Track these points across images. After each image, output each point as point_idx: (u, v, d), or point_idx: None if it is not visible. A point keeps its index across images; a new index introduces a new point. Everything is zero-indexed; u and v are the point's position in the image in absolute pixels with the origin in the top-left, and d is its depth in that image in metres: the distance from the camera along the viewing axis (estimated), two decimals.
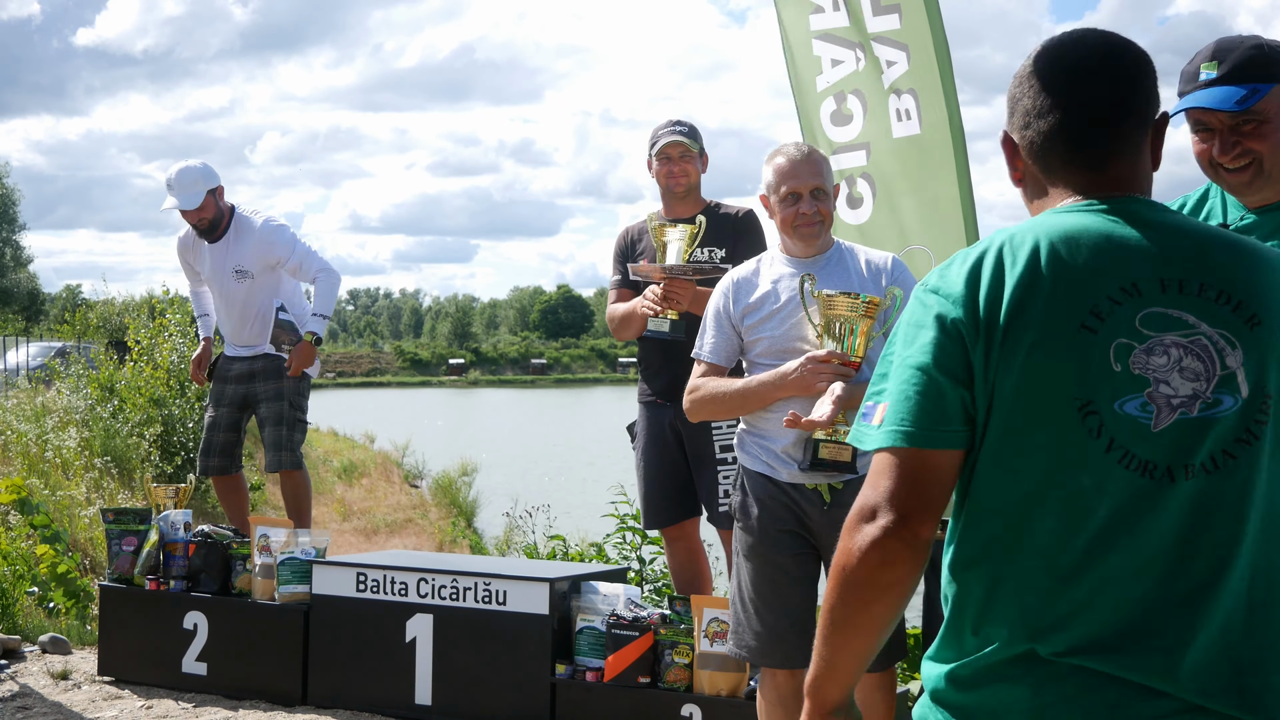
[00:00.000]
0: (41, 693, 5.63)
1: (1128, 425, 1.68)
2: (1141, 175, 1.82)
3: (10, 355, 27.65)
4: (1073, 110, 1.80)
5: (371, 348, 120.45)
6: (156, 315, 13.59)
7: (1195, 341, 1.69)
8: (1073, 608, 1.67)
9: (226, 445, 6.54)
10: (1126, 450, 1.67)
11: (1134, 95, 1.81)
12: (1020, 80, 1.86)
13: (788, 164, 3.83)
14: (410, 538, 14.21)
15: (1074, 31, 1.87)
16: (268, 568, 5.48)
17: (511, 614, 4.90)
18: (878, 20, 5.07)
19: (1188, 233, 1.77)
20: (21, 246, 46.77)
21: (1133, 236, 1.73)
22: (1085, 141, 1.80)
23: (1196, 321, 1.70)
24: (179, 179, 6.36)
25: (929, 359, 1.72)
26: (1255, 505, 1.69)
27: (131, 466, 11.71)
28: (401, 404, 58.50)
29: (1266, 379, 1.70)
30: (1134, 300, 1.70)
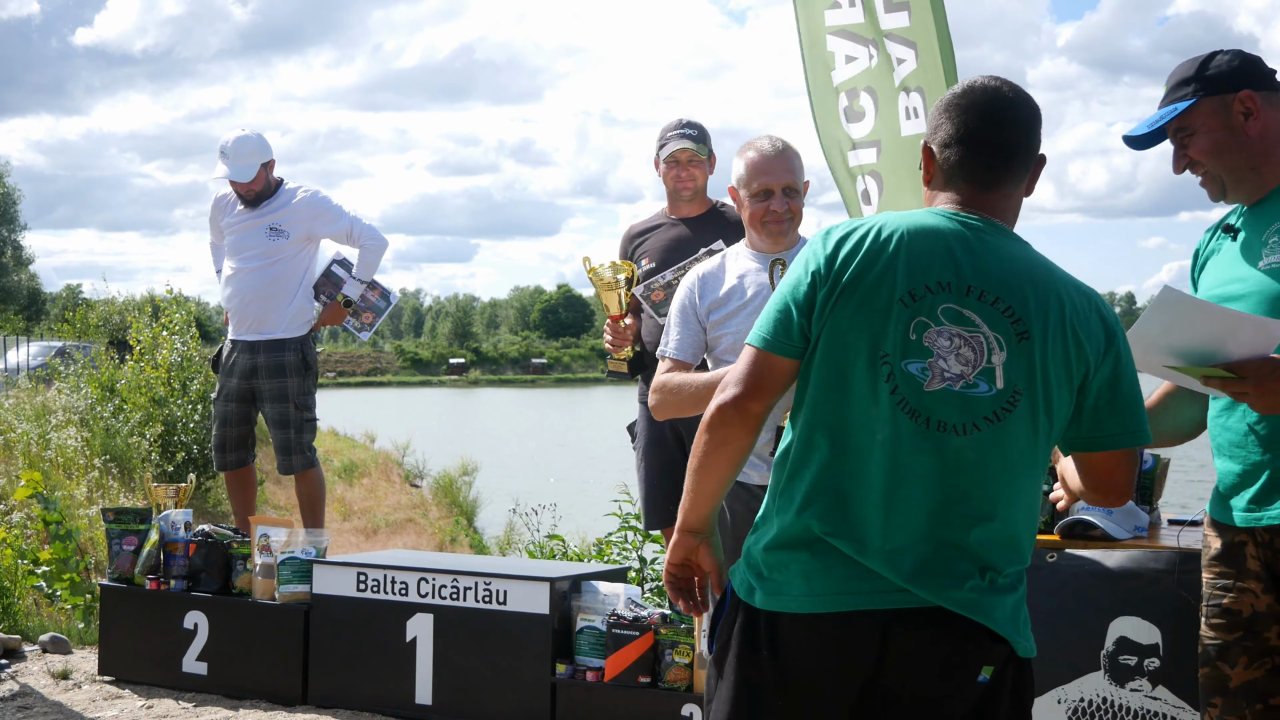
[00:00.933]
0: (42, 692, 5.63)
1: (908, 380, 2.25)
2: (1012, 203, 2.39)
3: (10, 355, 27.65)
4: (977, 144, 2.36)
5: (372, 347, 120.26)
6: (159, 315, 13.58)
7: (974, 337, 2.25)
8: (841, 502, 2.26)
9: (240, 439, 6.51)
10: (904, 398, 2.25)
11: (1024, 141, 2.38)
12: (948, 108, 2.41)
13: (761, 159, 3.77)
14: (410, 537, 14.20)
15: (993, 81, 2.40)
16: (268, 567, 5.48)
17: (512, 614, 4.90)
18: (889, 17, 5.06)
19: (1007, 257, 2.30)
20: (22, 246, 46.79)
21: (966, 248, 2.29)
22: (978, 169, 2.36)
23: (981, 323, 2.25)
24: (235, 149, 6.29)
25: (789, 291, 2.34)
26: (992, 464, 2.26)
27: (132, 466, 11.70)
28: (402, 404, 58.49)
29: (1019, 379, 2.25)
30: (943, 293, 2.25)
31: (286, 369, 6.32)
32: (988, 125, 2.36)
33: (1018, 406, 2.25)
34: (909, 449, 2.24)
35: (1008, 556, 2.29)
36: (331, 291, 6.46)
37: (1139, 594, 3.55)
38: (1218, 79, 2.81)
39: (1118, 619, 3.57)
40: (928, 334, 2.25)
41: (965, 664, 2.26)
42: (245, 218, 6.39)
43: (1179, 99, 2.84)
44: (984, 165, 2.36)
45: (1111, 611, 3.58)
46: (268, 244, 6.31)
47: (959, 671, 2.26)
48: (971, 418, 2.24)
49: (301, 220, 6.34)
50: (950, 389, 2.24)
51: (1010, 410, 2.25)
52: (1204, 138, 2.83)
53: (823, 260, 2.31)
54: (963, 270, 2.26)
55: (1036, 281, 2.29)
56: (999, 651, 2.27)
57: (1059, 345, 2.27)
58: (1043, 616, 3.65)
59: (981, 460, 2.25)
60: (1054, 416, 2.29)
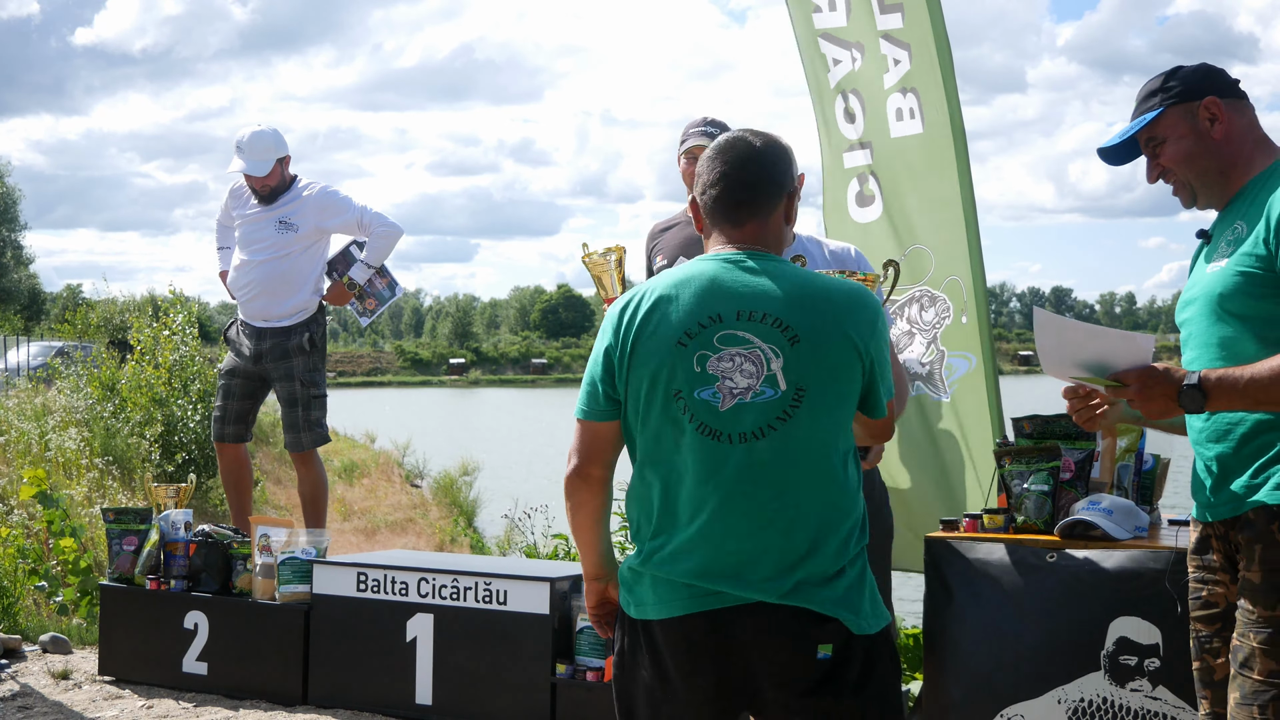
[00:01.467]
0: (42, 692, 5.63)
1: (703, 406, 2.57)
2: (770, 232, 2.72)
3: (11, 355, 27.65)
4: (726, 189, 2.71)
5: (372, 347, 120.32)
6: (160, 314, 13.58)
7: (752, 353, 2.57)
8: (671, 522, 2.62)
9: (240, 413, 6.52)
10: (702, 422, 2.57)
11: (766, 181, 2.71)
12: (703, 161, 2.75)
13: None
14: (411, 537, 14.20)
15: (740, 133, 2.76)
16: (268, 567, 5.48)
17: (512, 614, 4.90)
18: (884, 18, 5.07)
19: (768, 279, 2.62)
20: (22, 246, 46.77)
21: (731, 280, 2.63)
22: (730, 210, 2.71)
23: (755, 339, 2.57)
24: (251, 144, 6.33)
25: (592, 366, 2.71)
26: (790, 458, 2.56)
27: (132, 466, 11.70)
28: (402, 404, 58.48)
29: (799, 378, 2.55)
30: (715, 325, 2.59)
31: (291, 350, 6.38)
32: (733, 169, 2.71)
33: (803, 402, 2.56)
34: (717, 465, 2.57)
35: (825, 542, 2.57)
36: (344, 269, 6.50)
37: (1139, 594, 3.56)
38: (1183, 88, 2.93)
39: (1118, 619, 3.58)
40: (710, 362, 2.58)
41: (800, 648, 2.55)
42: (257, 214, 6.43)
43: (1147, 110, 2.96)
44: (734, 204, 2.71)
45: (1111, 611, 3.58)
46: (276, 237, 6.35)
47: (794, 655, 2.55)
48: (766, 421, 2.55)
49: (310, 214, 6.38)
50: (742, 402, 2.56)
51: (797, 406, 2.56)
52: (1174, 145, 2.93)
53: (611, 332, 2.69)
54: (729, 300, 2.61)
55: (798, 293, 2.60)
56: (832, 630, 2.55)
57: (832, 341, 2.57)
58: (1043, 616, 3.66)
59: (782, 457, 2.56)
60: (842, 403, 2.61)
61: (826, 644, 2.55)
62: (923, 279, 5.04)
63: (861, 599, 2.59)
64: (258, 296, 6.42)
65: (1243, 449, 2.79)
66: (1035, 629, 3.65)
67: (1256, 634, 2.73)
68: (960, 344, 4.90)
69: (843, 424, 2.62)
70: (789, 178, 2.75)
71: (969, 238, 4.94)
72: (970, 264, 4.93)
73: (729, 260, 2.67)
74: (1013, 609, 3.71)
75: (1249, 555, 2.77)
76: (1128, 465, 4.02)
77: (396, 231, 6.50)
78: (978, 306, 4.94)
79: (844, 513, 2.61)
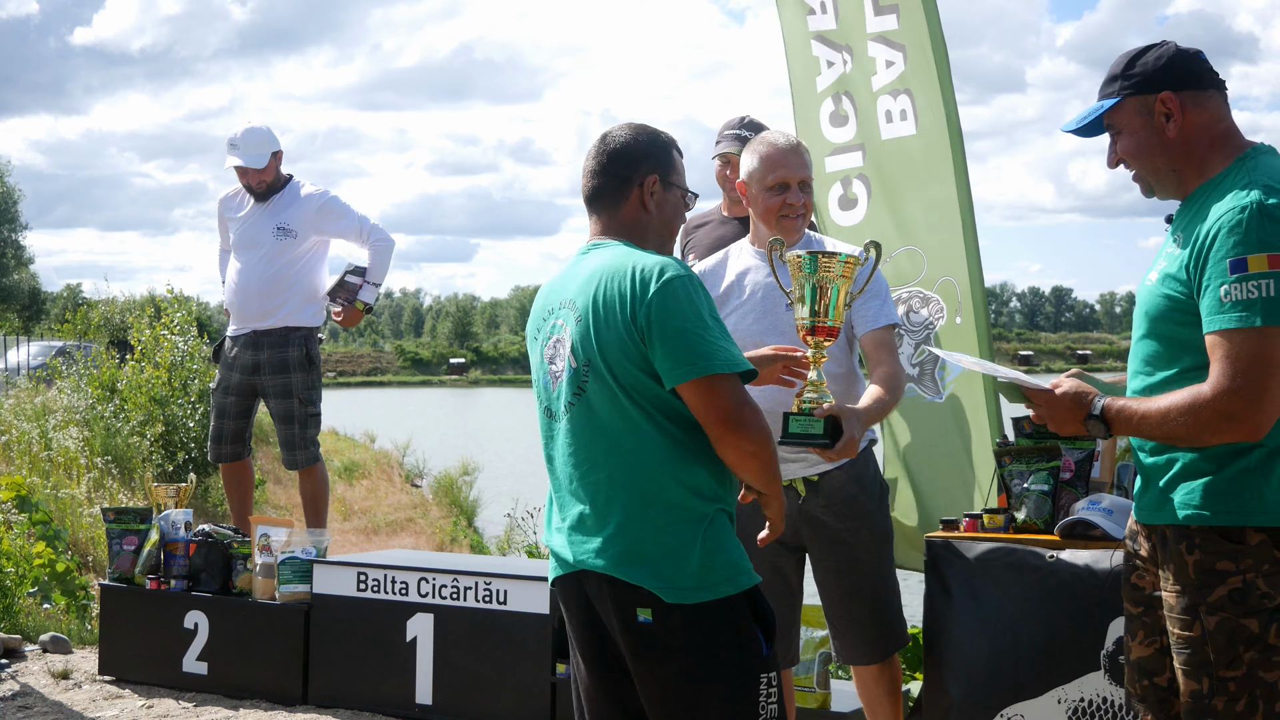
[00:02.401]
0: (42, 692, 5.64)
1: (545, 388, 2.86)
2: (620, 220, 2.90)
3: (11, 354, 27.64)
4: (584, 180, 2.96)
5: (372, 347, 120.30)
6: (161, 315, 13.56)
7: (559, 336, 2.82)
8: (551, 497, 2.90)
9: (237, 432, 6.46)
10: (546, 405, 2.86)
11: (605, 172, 2.90)
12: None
13: (777, 154, 3.76)
14: (411, 537, 14.21)
15: (608, 129, 2.96)
16: (268, 567, 5.48)
17: (512, 613, 4.90)
18: (877, 20, 5.07)
19: (588, 266, 2.82)
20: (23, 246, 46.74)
21: (570, 272, 2.88)
22: (588, 200, 2.95)
23: (562, 323, 2.82)
24: (245, 139, 6.32)
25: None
26: (594, 429, 2.74)
27: (133, 466, 11.69)
28: (402, 404, 58.46)
29: (583, 355, 2.74)
30: (553, 314, 2.86)
31: (290, 365, 6.29)
32: (587, 162, 2.94)
33: (590, 376, 2.73)
34: (556, 442, 2.83)
35: (633, 510, 2.69)
36: (348, 297, 6.44)
37: None
38: (1142, 79, 2.83)
39: (1118, 619, 3.57)
40: (546, 349, 2.86)
41: (619, 610, 2.69)
42: (253, 215, 6.38)
43: (1107, 95, 2.88)
44: (587, 196, 2.94)
45: (1111, 611, 3.58)
46: (274, 243, 6.29)
47: (617, 617, 2.70)
48: (569, 396, 2.77)
49: (309, 218, 6.32)
50: (561, 382, 2.80)
51: (586, 380, 2.74)
52: (1128, 138, 2.86)
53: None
54: (563, 291, 2.85)
55: (596, 276, 2.77)
56: (644, 596, 2.66)
57: (611, 320, 2.70)
58: (1043, 616, 3.66)
59: (585, 429, 2.75)
60: (620, 378, 2.70)
61: (642, 608, 2.66)
62: (913, 280, 5.03)
63: (682, 568, 2.65)
64: (252, 299, 6.33)
65: (1157, 459, 2.81)
66: (1035, 629, 3.65)
67: (1179, 654, 2.74)
68: (955, 345, 4.90)
69: (634, 395, 2.69)
70: (636, 168, 2.88)
71: (965, 238, 4.93)
72: (967, 265, 4.92)
73: (580, 252, 2.92)
74: (1013, 609, 3.71)
75: (1165, 574, 2.79)
76: (1128, 465, 4.02)
77: (392, 244, 6.48)
78: (975, 307, 4.93)
79: (657, 483, 2.68)
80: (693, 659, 2.64)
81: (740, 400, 2.66)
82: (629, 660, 2.72)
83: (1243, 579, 2.65)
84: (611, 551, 2.69)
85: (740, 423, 2.66)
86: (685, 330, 2.66)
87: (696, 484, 2.69)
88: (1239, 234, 2.59)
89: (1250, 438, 2.61)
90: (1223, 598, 2.66)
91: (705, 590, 2.64)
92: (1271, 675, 2.67)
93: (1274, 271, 2.56)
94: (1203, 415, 2.61)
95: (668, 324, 2.66)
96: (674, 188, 2.93)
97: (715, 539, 2.68)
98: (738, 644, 2.66)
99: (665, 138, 2.97)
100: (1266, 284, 2.56)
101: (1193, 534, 2.69)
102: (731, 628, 2.66)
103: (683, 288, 2.69)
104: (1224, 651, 2.66)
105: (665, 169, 2.92)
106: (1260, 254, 2.57)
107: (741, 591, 2.68)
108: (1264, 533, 2.65)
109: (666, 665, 2.66)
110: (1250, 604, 2.65)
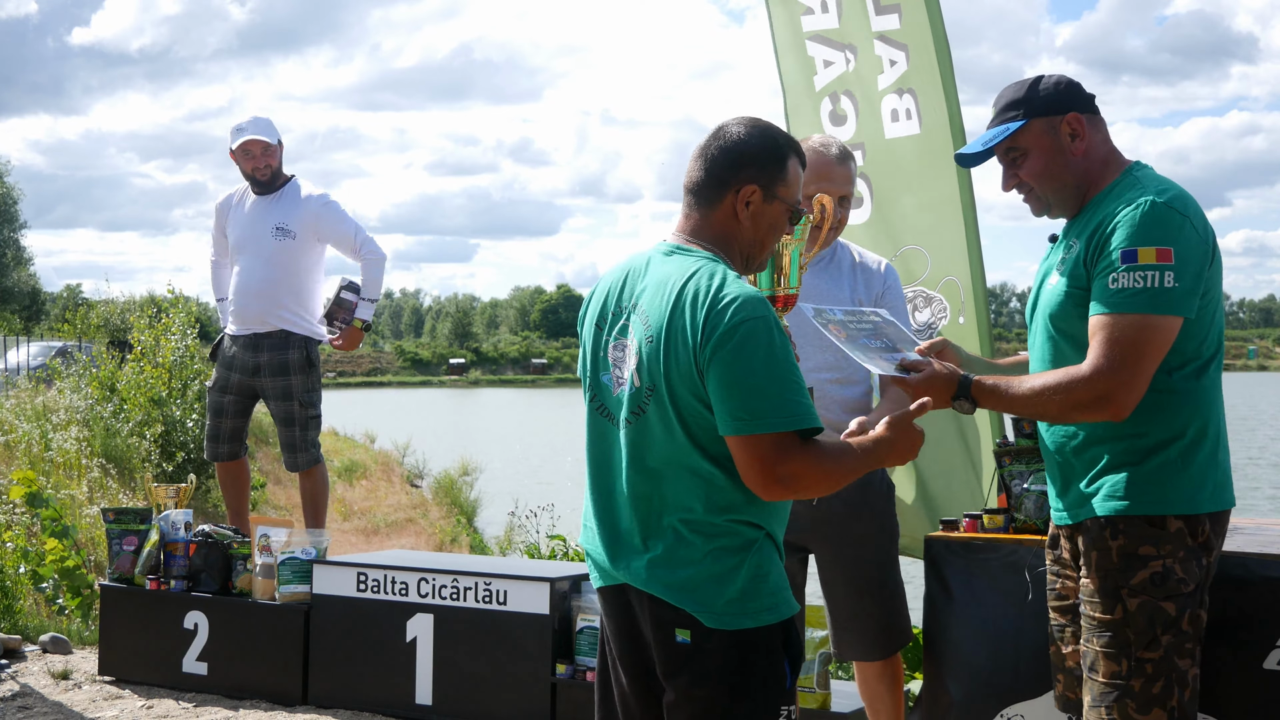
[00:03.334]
0: (42, 692, 5.64)
1: (605, 388, 2.71)
2: (711, 225, 2.70)
3: (11, 355, 27.64)
4: (686, 177, 2.76)
5: (372, 347, 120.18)
6: (160, 314, 13.56)
7: (629, 343, 2.66)
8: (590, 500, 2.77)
9: (235, 431, 6.44)
10: (602, 404, 2.72)
11: (708, 168, 2.70)
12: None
13: (823, 165, 3.75)
14: (411, 537, 14.22)
15: (722, 123, 2.75)
16: (268, 567, 5.48)
17: (512, 614, 4.90)
18: (880, 19, 5.07)
19: (662, 274, 2.65)
20: (23, 247, 46.75)
21: (640, 272, 2.71)
22: (685, 190, 2.76)
23: (632, 333, 2.66)
24: (253, 122, 6.32)
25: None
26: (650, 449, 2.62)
27: (132, 466, 11.70)
28: (402, 404, 58.47)
29: (649, 378, 2.60)
30: (619, 313, 2.70)
31: (290, 367, 6.27)
32: (696, 149, 2.75)
33: (651, 400, 2.61)
34: (608, 447, 2.70)
35: (678, 533, 2.61)
36: (345, 317, 6.42)
37: None
38: (1047, 101, 2.97)
39: None
40: (610, 350, 2.71)
41: (659, 627, 2.63)
42: (253, 213, 6.33)
43: (1009, 119, 3.00)
44: (686, 184, 2.75)
45: None
46: (274, 243, 6.24)
47: (655, 633, 2.65)
48: (630, 412, 2.65)
49: (308, 220, 6.28)
50: (624, 390, 2.66)
51: (647, 403, 2.62)
52: (1036, 158, 2.99)
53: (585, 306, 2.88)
54: (632, 292, 2.70)
55: (673, 294, 2.61)
56: (684, 618, 2.60)
57: (679, 349, 2.56)
58: (1043, 616, 3.66)
59: (640, 447, 2.63)
60: (681, 407, 2.58)
61: (682, 629, 2.61)
62: (917, 280, 5.03)
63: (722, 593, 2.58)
64: (252, 301, 6.28)
65: (1077, 461, 2.97)
66: (1035, 629, 3.65)
67: (1099, 638, 2.90)
68: (959, 344, 4.90)
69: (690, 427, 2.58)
70: (737, 173, 2.67)
71: (968, 238, 4.94)
72: (970, 264, 4.93)
73: (657, 250, 2.74)
74: (1013, 609, 3.71)
75: (1088, 562, 2.94)
76: None
77: (384, 258, 6.43)
78: (977, 306, 4.94)
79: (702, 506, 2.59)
80: (724, 686, 2.59)
81: (781, 458, 2.50)
82: (662, 677, 2.67)
83: (1163, 564, 2.84)
84: (657, 572, 2.62)
85: (778, 481, 2.53)
86: (744, 382, 2.51)
87: (744, 512, 2.62)
88: (1132, 229, 2.79)
89: (1116, 418, 2.81)
90: (1144, 581, 2.85)
91: (747, 617, 2.59)
92: (1184, 663, 2.85)
93: (1161, 264, 2.75)
94: (1076, 393, 2.80)
95: (730, 371, 2.51)
96: (778, 201, 2.70)
97: (759, 566, 2.61)
98: (767, 675, 2.61)
99: (784, 143, 2.72)
100: (1153, 275, 2.75)
101: (1117, 522, 2.88)
102: (766, 658, 2.61)
103: (754, 331, 2.50)
104: (1143, 632, 2.84)
105: (771, 179, 2.69)
106: (1150, 247, 2.76)
107: (780, 621, 2.63)
108: (1182, 520, 2.84)
109: (698, 688, 2.61)
110: (1169, 588, 2.83)
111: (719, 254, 2.67)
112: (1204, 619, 2.90)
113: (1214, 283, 2.87)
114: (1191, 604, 2.85)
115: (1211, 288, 2.86)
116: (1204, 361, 2.88)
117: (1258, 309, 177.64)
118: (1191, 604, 2.85)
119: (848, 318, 3.15)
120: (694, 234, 2.71)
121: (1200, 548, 2.87)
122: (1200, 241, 2.81)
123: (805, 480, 2.54)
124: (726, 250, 2.69)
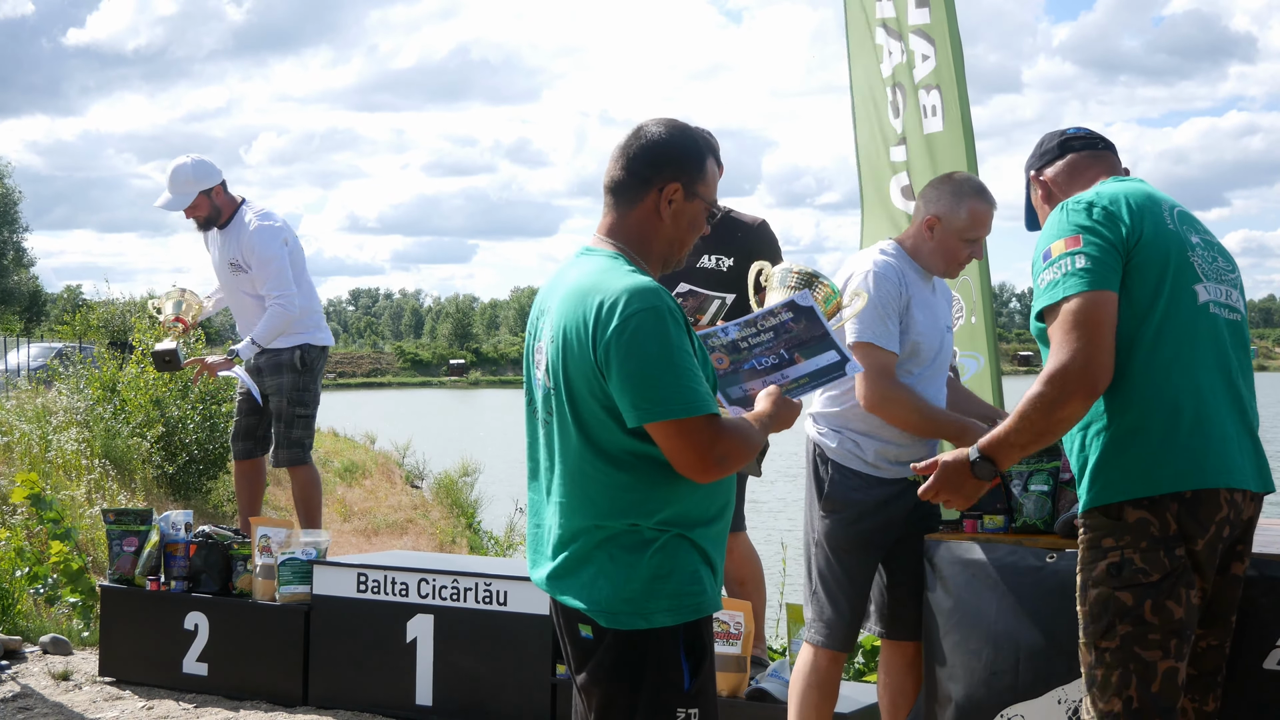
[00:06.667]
0: (42, 693, 5.64)
1: (532, 389, 2.77)
2: (630, 225, 2.74)
3: (11, 355, 27.66)
4: (606, 167, 2.79)
5: (372, 348, 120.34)
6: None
7: (543, 346, 2.71)
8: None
9: (248, 428, 6.60)
10: (534, 403, 2.78)
11: (628, 167, 2.74)
12: None
13: (987, 215, 3.95)
14: (411, 538, 14.20)
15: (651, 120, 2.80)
16: (268, 568, 5.48)
17: (512, 614, 4.90)
18: (917, 12, 5.04)
19: (571, 276, 2.70)
20: (24, 248, 46.78)
21: (562, 274, 2.75)
22: (605, 190, 2.78)
23: (545, 334, 2.71)
24: (171, 178, 6.42)
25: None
26: (561, 450, 2.67)
27: (133, 467, 11.69)
28: (402, 404, 58.48)
29: (554, 378, 2.66)
30: (541, 318, 2.75)
31: (283, 366, 6.46)
32: (614, 150, 2.78)
33: (556, 399, 2.67)
34: (538, 449, 2.77)
35: (575, 532, 2.66)
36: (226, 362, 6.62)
37: None
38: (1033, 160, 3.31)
39: None
40: (535, 353, 2.76)
41: (567, 622, 2.71)
42: (215, 247, 6.51)
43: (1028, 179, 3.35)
44: (605, 184, 2.78)
45: None
46: (233, 279, 6.48)
47: (565, 629, 2.73)
48: (545, 413, 2.72)
49: (253, 254, 6.36)
50: (539, 392, 2.75)
51: (554, 402, 2.68)
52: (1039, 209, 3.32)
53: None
54: (551, 295, 2.75)
55: (572, 294, 2.66)
56: (585, 616, 2.65)
57: (576, 348, 2.60)
58: (1043, 616, 3.66)
59: (553, 448, 2.70)
60: (580, 407, 2.62)
61: (584, 625, 2.67)
62: None
63: (614, 592, 2.60)
64: (242, 323, 6.58)
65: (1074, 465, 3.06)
66: (1035, 629, 3.65)
67: (1080, 630, 3.00)
68: (970, 344, 4.90)
69: (591, 425, 2.61)
70: (659, 171, 2.71)
71: None
72: (979, 264, 4.92)
73: (576, 254, 2.79)
74: (1013, 609, 3.71)
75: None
76: None
77: (287, 314, 6.30)
78: (984, 306, 4.93)
79: (598, 507, 2.62)
80: (620, 684, 2.63)
81: (708, 442, 2.54)
82: (571, 671, 2.74)
83: (1120, 554, 2.89)
84: (558, 574, 2.69)
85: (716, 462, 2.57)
86: (642, 371, 2.52)
87: (651, 514, 2.61)
88: (1045, 232, 3.01)
89: (1090, 397, 2.85)
90: (1103, 572, 2.91)
91: (641, 618, 2.59)
92: (1150, 654, 2.86)
93: (1070, 251, 2.90)
94: (1046, 393, 2.87)
95: (626, 363, 2.52)
96: (698, 199, 2.74)
97: (659, 567, 2.60)
98: (661, 676, 2.62)
99: (703, 143, 2.77)
100: (1067, 260, 2.90)
101: (1086, 517, 2.97)
102: (657, 660, 2.61)
103: (645, 322, 2.52)
104: (1098, 620, 2.91)
105: (692, 178, 2.73)
106: (1059, 239, 2.93)
107: (681, 624, 2.62)
108: (1141, 509, 2.87)
109: (595, 684, 2.67)
110: (1125, 578, 2.87)
111: (629, 252, 2.71)
112: (1180, 611, 2.86)
113: (1147, 263, 2.91)
114: (1154, 594, 2.84)
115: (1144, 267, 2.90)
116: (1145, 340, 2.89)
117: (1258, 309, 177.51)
118: (1154, 594, 2.84)
119: (743, 333, 2.96)
120: (609, 233, 2.76)
121: (1174, 538, 2.85)
122: (1111, 222, 2.91)
123: (734, 458, 2.60)
124: (642, 249, 2.73)
